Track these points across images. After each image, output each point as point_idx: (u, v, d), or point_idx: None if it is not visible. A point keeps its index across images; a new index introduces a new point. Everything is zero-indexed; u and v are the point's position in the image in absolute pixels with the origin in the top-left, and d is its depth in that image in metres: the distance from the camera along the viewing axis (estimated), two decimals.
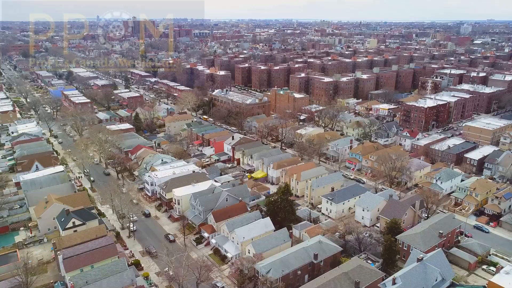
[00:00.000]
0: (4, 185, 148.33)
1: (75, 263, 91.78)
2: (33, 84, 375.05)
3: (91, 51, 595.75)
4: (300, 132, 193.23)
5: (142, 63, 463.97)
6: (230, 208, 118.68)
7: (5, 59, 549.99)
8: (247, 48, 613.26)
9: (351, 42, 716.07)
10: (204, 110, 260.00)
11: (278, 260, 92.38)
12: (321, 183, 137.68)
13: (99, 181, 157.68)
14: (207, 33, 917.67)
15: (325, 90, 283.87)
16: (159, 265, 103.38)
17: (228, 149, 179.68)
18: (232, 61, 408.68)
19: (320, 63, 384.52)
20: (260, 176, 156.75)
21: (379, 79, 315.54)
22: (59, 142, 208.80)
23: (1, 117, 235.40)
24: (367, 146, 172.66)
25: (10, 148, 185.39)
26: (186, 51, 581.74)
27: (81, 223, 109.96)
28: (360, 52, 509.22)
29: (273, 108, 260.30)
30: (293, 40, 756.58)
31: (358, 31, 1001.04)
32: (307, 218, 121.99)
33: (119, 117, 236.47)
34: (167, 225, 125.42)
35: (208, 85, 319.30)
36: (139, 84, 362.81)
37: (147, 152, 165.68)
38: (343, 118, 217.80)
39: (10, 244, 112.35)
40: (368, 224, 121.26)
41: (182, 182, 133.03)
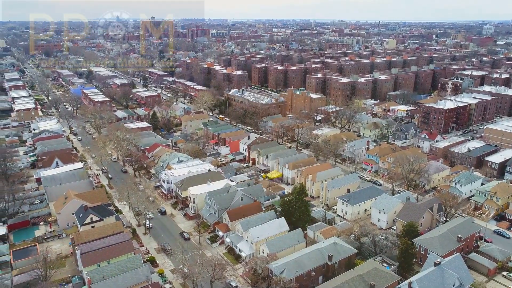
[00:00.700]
0: (26, 180, 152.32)
1: (92, 258, 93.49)
2: (55, 82, 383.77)
3: (111, 51, 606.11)
4: (316, 132, 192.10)
5: (160, 63, 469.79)
6: (245, 207, 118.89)
7: (28, 58, 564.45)
8: (264, 48, 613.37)
9: (369, 43, 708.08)
10: (220, 110, 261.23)
11: (292, 261, 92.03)
12: (337, 184, 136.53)
13: (117, 178, 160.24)
14: (225, 33, 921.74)
15: (342, 91, 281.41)
16: (174, 262, 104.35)
17: (243, 149, 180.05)
18: (249, 61, 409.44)
19: (338, 63, 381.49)
20: (275, 176, 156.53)
21: (398, 80, 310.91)
22: (78, 140, 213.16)
23: (23, 114, 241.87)
24: (384, 147, 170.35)
25: (31, 145, 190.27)
26: (203, 51, 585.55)
27: (98, 219, 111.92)
28: (378, 52, 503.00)
29: (289, 108, 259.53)
30: (310, 40, 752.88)
31: (377, 31, 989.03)
32: (322, 219, 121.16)
33: (136, 115, 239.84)
34: (182, 223, 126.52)
35: (224, 84, 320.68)
36: (157, 83, 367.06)
37: (164, 150, 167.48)
38: (360, 119, 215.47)
39: (30, 238, 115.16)
40: (384, 227, 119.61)
41: (197, 180, 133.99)
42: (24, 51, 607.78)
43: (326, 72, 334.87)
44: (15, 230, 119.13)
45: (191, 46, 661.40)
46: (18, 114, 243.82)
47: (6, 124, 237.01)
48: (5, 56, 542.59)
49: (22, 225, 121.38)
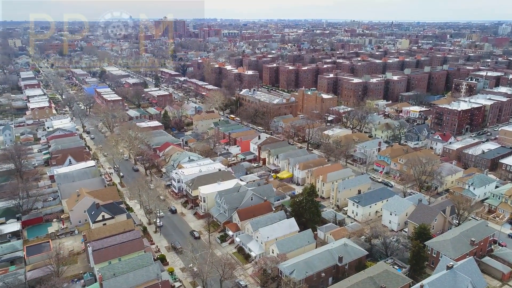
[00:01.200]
0: (40, 177, 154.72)
1: (104, 255, 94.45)
2: (68, 81, 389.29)
3: (124, 50, 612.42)
4: (327, 133, 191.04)
5: (172, 62, 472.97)
6: (255, 207, 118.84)
7: (43, 57, 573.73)
8: (276, 48, 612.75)
9: (381, 43, 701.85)
10: (231, 109, 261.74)
11: (302, 261, 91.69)
12: (348, 185, 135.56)
13: (128, 176, 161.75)
14: (236, 33, 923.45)
15: (353, 91, 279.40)
16: (183, 261, 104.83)
17: (254, 149, 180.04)
18: (260, 61, 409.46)
19: (349, 63, 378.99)
20: (285, 176, 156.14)
21: (411, 81, 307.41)
22: (91, 138, 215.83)
23: (38, 112, 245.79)
24: (396, 148, 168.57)
25: (45, 143, 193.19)
26: (215, 51, 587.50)
27: (110, 216, 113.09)
28: (391, 53, 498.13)
29: (300, 109, 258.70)
30: (322, 41, 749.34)
31: (390, 32, 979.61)
32: (332, 220, 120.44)
33: (148, 114, 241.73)
34: (192, 222, 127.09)
35: (235, 84, 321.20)
36: (169, 83, 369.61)
37: (175, 149, 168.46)
38: (371, 120, 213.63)
39: (43, 235, 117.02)
40: (396, 229, 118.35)
41: (208, 180, 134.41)
42: (39, 50, 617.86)
43: (338, 72, 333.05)
44: (29, 227, 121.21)
45: (203, 46, 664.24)
46: (33, 112, 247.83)
47: (21, 122, 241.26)
48: (21, 55, 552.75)
49: (35, 222, 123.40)
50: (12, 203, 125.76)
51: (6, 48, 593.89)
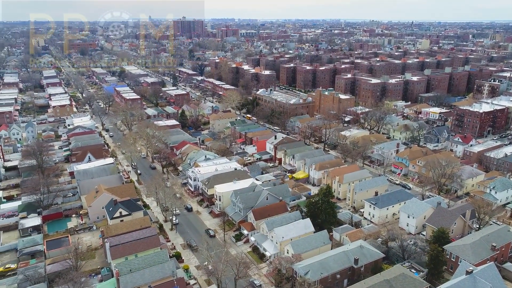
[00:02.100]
0: (60, 174, 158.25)
1: (121, 251, 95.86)
2: (89, 80, 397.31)
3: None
4: (344, 133, 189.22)
5: (189, 62, 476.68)
6: (270, 207, 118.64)
7: (65, 56, 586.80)
8: (293, 48, 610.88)
9: (401, 43, 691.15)
10: (248, 109, 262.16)
11: (317, 262, 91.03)
12: (365, 186, 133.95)
13: (145, 174, 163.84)
14: (254, 33, 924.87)
15: (372, 92, 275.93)
16: (199, 258, 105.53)
17: (270, 148, 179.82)
18: (277, 60, 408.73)
19: (368, 64, 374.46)
20: (301, 177, 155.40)
21: (431, 82, 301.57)
22: (110, 136, 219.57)
23: (59, 110, 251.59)
24: (415, 150, 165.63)
25: (66, 140, 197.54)
26: (232, 51, 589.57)
27: (127, 213, 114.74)
28: (410, 53, 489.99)
29: (317, 109, 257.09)
30: (340, 41, 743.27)
31: (410, 32, 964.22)
32: (348, 222, 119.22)
33: (166, 113, 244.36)
34: (208, 220, 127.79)
35: (252, 84, 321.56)
36: (186, 82, 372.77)
37: (192, 148, 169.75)
38: (390, 121, 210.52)
39: (63, 229, 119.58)
40: (413, 232, 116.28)
41: (224, 179, 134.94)
42: (61, 49, 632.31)
43: (356, 73, 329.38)
44: (49, 221, 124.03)
45: (220, 46, 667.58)
46: (54, 110, 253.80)
47: (43, 119, 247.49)
48: (44, 55, 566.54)
49: (55, 217, 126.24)
50: (33, 198, 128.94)
51: (29, 47, 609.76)
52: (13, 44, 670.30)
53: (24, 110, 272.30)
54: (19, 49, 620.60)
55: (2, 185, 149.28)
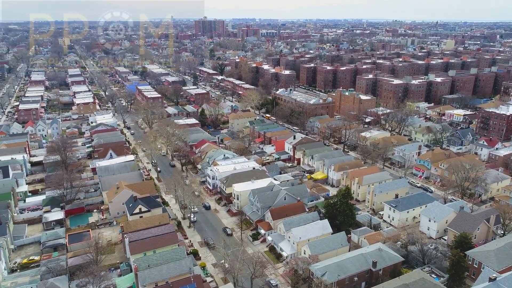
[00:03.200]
0: (83, 169, 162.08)
1: (140, 247, 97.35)
2: (112, 79, 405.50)
3: (164, 49, 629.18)
4: (365, 135, 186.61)
5: (210, 62, 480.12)
6: (288, 207, 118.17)
7: (89, 55, 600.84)
8: (314, 48, 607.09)
9: (425, 43, 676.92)
10: (267, 109, 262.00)
11: (334, 264, 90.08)
12: (385, 188, 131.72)
13: (165, 171, 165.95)
14: (274, 33, 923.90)
15: (393, 93, 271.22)
16: (215, 256, 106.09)
17: (289, 148, 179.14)
18: (297, 60, 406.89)
19: (390, 64, 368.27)
20: (320, 177, 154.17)
21: (455, 83, 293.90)
22: (131, 133, 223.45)
23: (83, 108, 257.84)
24: (438, 153, 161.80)
25: (89, 137, 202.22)
26: (252, 50, 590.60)
27: (146, 210, 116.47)
28: (434, 53, 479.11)
29: (337, 109, 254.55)
30: (362, 41, 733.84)
31: (434, 32, 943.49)
32: (367, 224, 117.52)
33: (186, 112, 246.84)
34: (225, 218, 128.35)
35: (272, 84, 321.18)
36: (207, 81, 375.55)
37: (211, 147, 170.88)
38: (412, 123, 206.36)
39: (84, 224, 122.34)
40: (434, 236, 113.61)
41: (242, 178, 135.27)
42: (86, 49, 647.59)
43: (378, 73, 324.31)
44: (72, 216, 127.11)
45: (241, 46, 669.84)
46: (78, 107, 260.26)
47: (67, 116, 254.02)
48: (69, 54, 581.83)
49: (77, 211, 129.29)
50: (57, 193, 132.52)
51: (56, 46, 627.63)
52: (41, 43, 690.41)
53: (49, 107, 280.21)
54: (46, 48, 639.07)
55: (28, 180, 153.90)
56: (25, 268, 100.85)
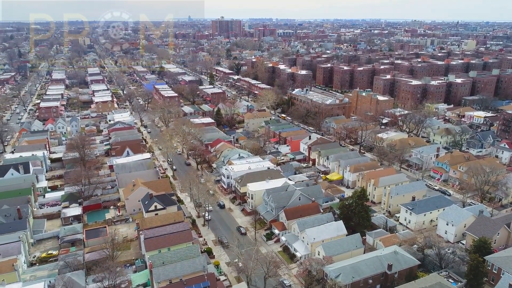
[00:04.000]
0: (100, 167, 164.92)
1: (155, 244, 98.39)
2: (130, 78, 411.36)
3: (181, 49, 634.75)
4: (381, 136, 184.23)
5: (226, 61, 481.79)
6: (302, 207, 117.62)
7: (109, 54, 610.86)
8: (331, 48, 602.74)
9: (445, 44, 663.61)
10: (282, 109, 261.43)
11: (349, 266, 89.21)
12: (401, 191, 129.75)
13: (180, 170, 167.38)
14: (291, 33, 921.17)
15: (412, 94, 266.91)
16: (229, 255, 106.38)
17: (304, 149, 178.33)
18: (314, 60, 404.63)
19: (408, 65, 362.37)
20: (335, 178, 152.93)
21: (476, 84, 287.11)
22: (148, 132, 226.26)
23: (101, 106, 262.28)
24: (457, 155, 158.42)
25: (107, 134, 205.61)
26: (269, 50, 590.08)
27: (162, 207, 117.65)
28: (455, 54, 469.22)
29: (353, 110, 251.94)
30: (380, 41, 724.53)
31: (454, 32, 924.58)
32: (382, 226, 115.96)
33: (202, 111, 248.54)
34: (239, 218, 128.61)
35: (288, 84, 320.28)
36: (223, 81, 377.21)
37: (226, 146, 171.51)
38: (430, 124, 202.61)
39: (101, 220, 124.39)
40: (452, 240, 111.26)
41: (256, 177, 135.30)
42: (105, 48, 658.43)
43: (395, 74, 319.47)
44: (89, 212, 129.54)
45: (257, 45, 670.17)
46: (97, 106, 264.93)
47: (86, 114, 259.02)
48: (89, 53, 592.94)
49: (95, 208, 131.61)
50: (75, 189, 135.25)
51: (76, 45, 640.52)
52: (62, 43, 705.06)
53: (69, 105, 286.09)
54: (67, 48, 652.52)
55: (47, 176, 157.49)
56: (43, 262, 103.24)
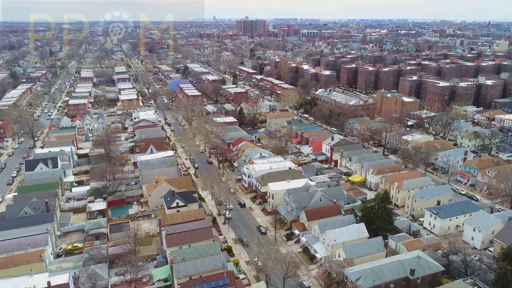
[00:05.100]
0: (125, 163, 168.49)
1: (176, 240, 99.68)
2: (155, 76, 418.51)
3: (206, 49, 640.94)
4: (406, 138, 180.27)
5: (250, 61, 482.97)
6: (323, 208, 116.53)
7: (135, 54, 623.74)
8: (356, 48, 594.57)
9: (475, 44, 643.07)
10: (305, 109, 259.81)
11: (370, 269, 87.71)
12: (426, 194, 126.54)
13: (202, 168, 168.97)
14: (315, 33, 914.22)
15: (439, 95, 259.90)
16: (249, 254, 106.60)
17: (326, 149, 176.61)
18: (338, 61, 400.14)
19: (436, 66, 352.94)
20: (357, 180, 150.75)
21: (508, 86, 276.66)
22: (171, 130, 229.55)
23: (127, 104, 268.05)
24: (485, 159, 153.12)
25: (131, 132, 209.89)
26: (293, 50, 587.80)
27: (183, 204, 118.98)
28: (485, 55, 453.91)
29: (378, 111, 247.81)
30: (407, 41, 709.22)
31: (486, 32, 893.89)
32: (405, 230, 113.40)
33: (224, 110, 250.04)
34: (260, 217, 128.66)
35: (311, 84, 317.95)
36: (246, 80, 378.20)
37: (247, 145, 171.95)
38: (458, 127, 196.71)
39: (124, 215, 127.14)
40: (479, 247, 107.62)
41: (277, 177, 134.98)
42: (132, 47, 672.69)
43: (422, 75, 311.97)
44: (113, 207, 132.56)
45: (281, 45, 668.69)
46: (123, 103, 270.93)
47: (112, 112, 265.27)
48: (116, 52, 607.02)
49: (118, 203, 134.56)
50: (100, 184, 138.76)
51: (104, 45, 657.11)
52: (91, 42, 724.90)
53: (96, 103, 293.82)
54: (95, 47, 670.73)
55: (74, 171, 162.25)
56: (69, 254, 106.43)
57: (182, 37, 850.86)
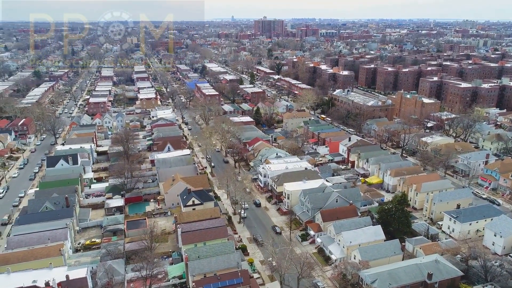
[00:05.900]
0: (142, 161, 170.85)
1: (191, 238, 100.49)
2: (173, 76, 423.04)
3: (224, 48, 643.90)
4: (426, 140, 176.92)
5: (267, 61, 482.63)
6: (339, 209, 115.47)
7: (154, 53, 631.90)
8: (375, 48, 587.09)
9: (499, 45, 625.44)
10: (322, 109, 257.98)
11: (386, 272, 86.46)
12: (445, 197, 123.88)
13: (218, 167, 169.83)
14: (334, 33, 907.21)
15: (460, 97, 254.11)
16: (263, 253, 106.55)
17: (343, 150, 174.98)
18: (357, 61, 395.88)
19: (458, 66, 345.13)
20: (374, 182, 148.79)
21: None
22: (188, 129, 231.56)
23: (145, 103, 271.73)
24: (508, 163, 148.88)
25: (149, 130, 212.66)
26: (311, 50, 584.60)
27: (199, 203, 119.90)
28: (510, 56, 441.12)
29: (396, 112, 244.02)
30: (428, 41, 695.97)
31: (510, 33, 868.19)
32: (423, 233, 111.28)
33: (241, 110, 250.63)
34: (275, 217, 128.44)
35: (329, 84, 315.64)
36: (263, 80, 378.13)
37: (264, 145, 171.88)
38: (479, 129, 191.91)
39: (141, 212, 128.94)
40: (500, 252, 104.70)
41: (293, 177, 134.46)
42: (151, 47, 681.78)
43: (443, 76, 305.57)
44: (130, 204, 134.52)
45: (299, 45, 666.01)
46: (141, 102, 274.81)
47: (131, 110, 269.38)
48: (136, 51, 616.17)
49: (136, 200, 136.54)
50: (118, 181, 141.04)
51: (124, 44, 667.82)
52: (111, 42, 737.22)
53: (116, 101, 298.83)
54: (115, 46, 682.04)
55: (93, 168, 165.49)
56: (87, 249, 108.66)
57: (200, 37, 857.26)
